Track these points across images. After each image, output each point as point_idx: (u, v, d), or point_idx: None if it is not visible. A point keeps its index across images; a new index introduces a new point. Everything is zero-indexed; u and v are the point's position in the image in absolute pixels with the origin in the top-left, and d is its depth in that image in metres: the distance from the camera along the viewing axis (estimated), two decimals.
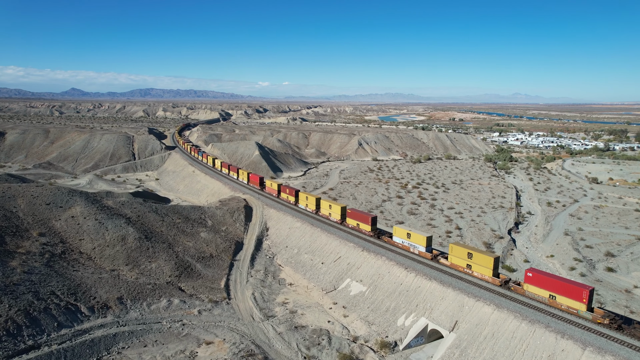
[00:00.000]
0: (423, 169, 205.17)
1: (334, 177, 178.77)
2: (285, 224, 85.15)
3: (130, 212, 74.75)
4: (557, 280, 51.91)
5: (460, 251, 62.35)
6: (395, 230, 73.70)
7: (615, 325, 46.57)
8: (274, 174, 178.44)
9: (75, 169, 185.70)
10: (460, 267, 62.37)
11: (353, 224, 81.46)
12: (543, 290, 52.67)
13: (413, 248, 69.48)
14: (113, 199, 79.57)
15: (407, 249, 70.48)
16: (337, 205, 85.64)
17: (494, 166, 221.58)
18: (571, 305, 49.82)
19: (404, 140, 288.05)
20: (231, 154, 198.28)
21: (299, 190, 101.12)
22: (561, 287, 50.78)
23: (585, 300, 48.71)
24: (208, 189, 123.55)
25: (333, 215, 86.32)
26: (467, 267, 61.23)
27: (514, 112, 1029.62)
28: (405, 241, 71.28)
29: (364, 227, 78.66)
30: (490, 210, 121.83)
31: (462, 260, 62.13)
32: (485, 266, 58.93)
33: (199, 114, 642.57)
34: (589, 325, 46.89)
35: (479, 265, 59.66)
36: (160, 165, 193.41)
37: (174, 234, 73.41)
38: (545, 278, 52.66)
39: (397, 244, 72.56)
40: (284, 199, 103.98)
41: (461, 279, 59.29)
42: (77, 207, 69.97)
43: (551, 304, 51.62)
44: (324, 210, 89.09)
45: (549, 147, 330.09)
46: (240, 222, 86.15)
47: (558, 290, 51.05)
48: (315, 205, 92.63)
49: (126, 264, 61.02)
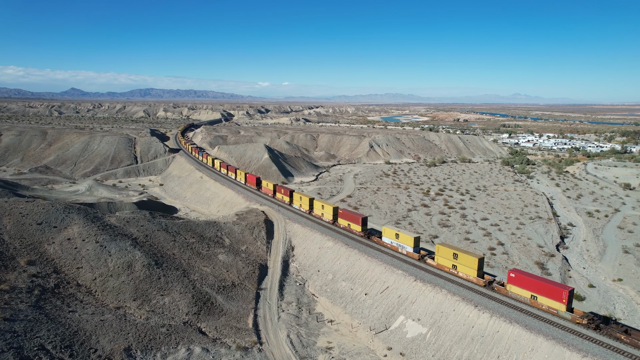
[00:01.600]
0: (440, 173, 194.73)
1: (349, 182, 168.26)
2: (313, 242, 74.60)
3: (136, 231, 64.13)
4: (538, 280, 52.88)
5: (446, 252, 63.16)
6: (385, 231, 74.77)
7: (594, 325, 47.04)
8: (285, 179, 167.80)
9: (74, 173, 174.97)
10: (446, 267, 63.17)
11: (344, 224, 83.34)
12: (525, 291, 53.51)
13: (401, 248, 70.65)
14: (116, 216, 68.82)
15: (395, 249, 71.73)
16: (329, 206, 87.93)
17: (513, 170, 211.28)
18: (551, 305, 50.67)
19: (415, 142, 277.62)
20: (239, 157, 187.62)
21: (293, 191, 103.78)
22: (542, 288, 51.68)
23: (565, 301, 49.45)
24: (219, 198, 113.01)
25: (325, 215, 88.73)
26: (453, 267, 62.07)
27: (516, 113, 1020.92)
28: (394, 241, 72.43)
29: (355, 228, 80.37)
30: (527, 221, 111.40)
31: (448, 261, 62.89)
32: (470, 267, 59.64)
33: (200, 115, 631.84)
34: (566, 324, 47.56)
35: (464, 265, 60.47)
36: (164, 169, 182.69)
37: (188, 257, 62.83)
38: (527, 279, 53.68)
39: (386, 244, 73.54)
40: (279, 199, 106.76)
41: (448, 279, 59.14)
42: (74, 227, 59.33)
43: (533, 304, 52.44)
44: (317, 211, 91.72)
45: (563, 149, 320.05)
46: (261, 239, 75.56)
47: (539, 291, 51.88)
48: (309, 206, 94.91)
49: (134, 299, 50.49)
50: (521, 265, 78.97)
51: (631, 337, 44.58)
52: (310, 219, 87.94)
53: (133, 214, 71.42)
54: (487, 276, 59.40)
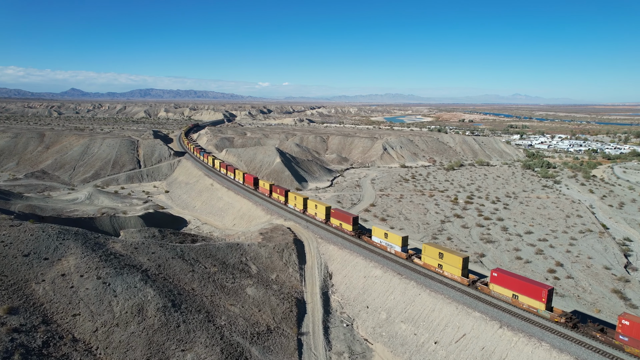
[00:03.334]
0: (461, 178, 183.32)
1: (367, 188, 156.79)
2: (356, 270, 63.14)
3: (147, 260, 52.70)
4: (519, 280, 53.53)
5: (432, 251, 64.23)
6: (374, 230, 75.94)
7: (571, 324, 48.14)
8: (299, 185, 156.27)
9: (73, 178, 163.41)
10: (432, 267, 64.18)
11: (336, 224, 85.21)
12: (507, 290, 54.36)
13: (390, 248, 71.70)
14: (122, 240, 56.97)
15: (384, 249, 72.88)
16: (322, 205, 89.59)
17: (536, 174, 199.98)
18: (532, 304, 51.51)
19: (429, 145, 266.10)
20: (248, 161, 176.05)
21: (288, 190, 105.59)
22: (523, 287, 52.49)
23: (544, 300, 50.17)
24: (234, 209, 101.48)
25: (318, 215, 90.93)
26: (439, 266, 63.08)
27: (519, 113, 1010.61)
28: (383, 241, 73.52)
29: (346, 227, 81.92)
30: (577, 235, 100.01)
31: (434, 260, 63.92)
32: (454, 266, 60.67)
33: (202, 115, 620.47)
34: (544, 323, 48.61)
35: (449, 265, 61.53)
36: (169, 174, 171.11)
37: (210, 292, 51.47)
38: (509, 278, 54.40)
39: (375, 244, 74.88)
40: (275, 199, 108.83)
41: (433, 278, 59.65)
42: (70, 259, 47.87)
43: (514, 303, 53.42)
44: (311, 210, 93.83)
45: (580, 151, 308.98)
46: (293, 265, 64.19)
47: (520, 290, 52.75)
48: (303, 205, 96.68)
49: (147, 358, 39.01)
50: (595, 294, 67.59)
51: (606, 336, 46.00)
52: (348, 239, 77.02)
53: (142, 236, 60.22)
54: (472, 275, 60.88)
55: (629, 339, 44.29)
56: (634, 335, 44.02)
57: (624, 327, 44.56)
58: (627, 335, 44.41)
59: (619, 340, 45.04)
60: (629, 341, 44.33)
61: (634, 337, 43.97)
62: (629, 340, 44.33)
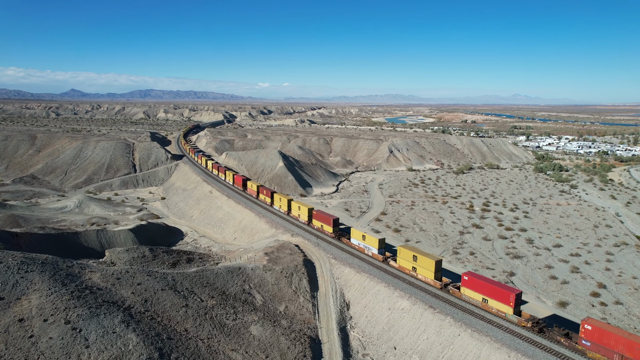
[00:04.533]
0: (473, 182, 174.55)
1: (376, 193, 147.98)
2: (378, 299, 54.21)
3: (131, 293, 43.68)
4: (488, 284, 52.96)
5: (407, 254, 63.49)
6: (353, 232, 76.17)
7: (537, 329, 48.19)
8: (304, 191, 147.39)
9: (64, 184, 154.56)
10: (407, 269, 63.61)
11: (318, 225, 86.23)
12: (477, 294, 53.80)
13: (367, 250, 72.14)
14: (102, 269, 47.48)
15: (362, 251, 73.41)
16: (305, 207, 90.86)
17: (550, 178, 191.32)
18: (500, 308, 51.11)
19: (436, 147, 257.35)
20: (250, 165, 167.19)
21: (274, 192, 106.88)
22: (492, 291, 51.95)
23: (512, 304, 49.83)
24: (234, 221, 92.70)
25: (302, 216, 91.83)
26: (413, 269, 62.48)
27: (520, 114, 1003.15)
28: (361, 243, 73.95)
29: (327, 229, 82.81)
30: (613, 249, 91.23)
31: (408, 263, 63.26)
32: (427, 269, 59.89)
33: (201, 116, 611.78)
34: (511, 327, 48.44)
35: (422, 268, 60.76)
36: (165, 178, 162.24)
37: (207, 334, 42.52)
38: (479, 282, 53.78)
39: (354, 246, 75.29)
40: (262, 200, 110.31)
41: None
42: (32, 297, 38.69)
43: (484, 307, 52.86)
44: (294, 212, 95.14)
45: (590, 153, 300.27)
46: (304, 293, 55.28)
47: (489, 294, 52.16)
48: (287, 207, 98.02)
49: None
50: None
51: (570, 341, 46.02)
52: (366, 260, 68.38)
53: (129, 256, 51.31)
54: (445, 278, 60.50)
55: (591, 344, 44.01)
56: (595, 340, 43.63)
57: (586, 332, 44.28)
58: (589, 340, 44.15)
59: (582, 345, 44.83)
60: (591, 346, 44.07)
61: (596, 342, 43.54)
62: (591, 345, 44.06)
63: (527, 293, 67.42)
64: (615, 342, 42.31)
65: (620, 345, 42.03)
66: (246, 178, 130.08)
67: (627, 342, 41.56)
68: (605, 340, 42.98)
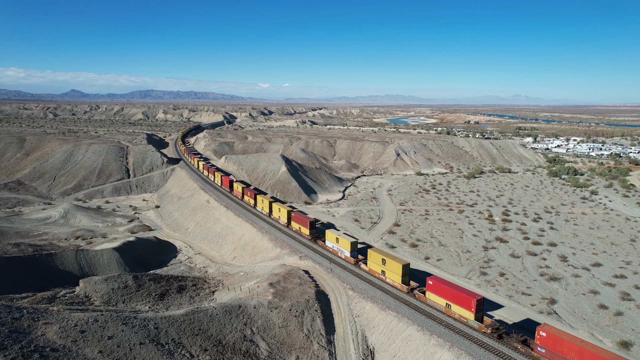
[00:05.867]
0: (486, 188, 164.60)
1: (385, 201, 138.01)
2: (410, 346, 44.24)
3: (97, 353, 33.15)
4: (452, 289, 52.24)
5: (377, 257, 63.66)
6: (327, 235, 76.18)
7: (497, 335, 47.69)
8: (308, 198, 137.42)
9: (52, 190, 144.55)
10: (376, 272, 63.91)
11: (296, 227, 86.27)
12: (441, 299, 53.26)
13: (340, 252, 72.21)
14: (61, 320, 37.06)
15: (335, 253, 73.34)
16: (285, 209, 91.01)
17: (566, 183, 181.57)
18: (462, 314, 50.55)
19: (444, 149, 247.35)
20: (250, 169, 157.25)
21: (257, 193, 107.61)
22: (455, 296, 51.33)
23: (474, 310, 49.23)
24: (234, 236, 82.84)
25: (282, 218, 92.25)
26: (382, 273, 62.69)
27: (522, 114, 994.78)
28: (335, 245, 74.15)
29: (304, 231, 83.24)
30: None
31: (378, 266, 63.38)
32: (395, 273, 59.86)
33: (201, 117, 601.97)
34: (472, 333, 47.39)
35: (391, 271, 60.70)
36: (161, 184, 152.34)
37: None
38: (443, 287, 53.12)
39: (328, 248, 75.43)
40: (247, 202, 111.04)
41: None
42: None
43: (447, 312, 52.32)
44: (275, 214, 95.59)
45: (602, 155, 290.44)
46: (318, 337, 45.20)
47: (452, 299, 51.57)
48: (269, 209, 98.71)
49: None
50: None
51: (526, 347, 45.74)
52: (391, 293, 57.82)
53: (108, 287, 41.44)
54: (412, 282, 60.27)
55: (546, 351, 43.79)
56: (549, 347, 43.43)
57: (541, 339, 44.13)
58: (544, 347, 44.00)
59: (537, 352, 44.65)
60: (545, 353, 43.83)
61: (550, 348, 43.33)
62: (545, 352, 43.84)
63: (577, 328, 57.57)
64: (567, 349, 41.92)
65: (572, 353, 41.57)
66: (233, 179, 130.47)
67: (579, 350, 41.04)
68: (559, 347, 42.60)
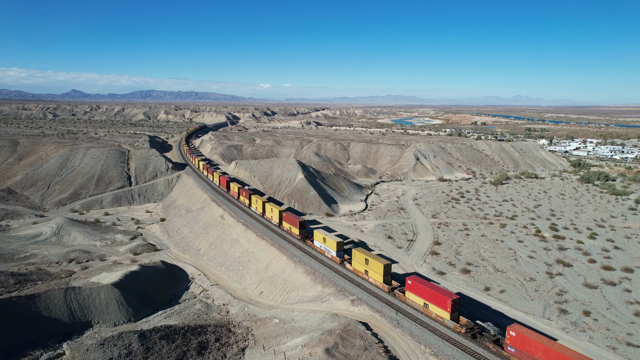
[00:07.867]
0: (519, 196, 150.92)
1: (414, 212, 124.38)
2: None
3: None
4: (429, 288, 52.48)
5: (360, 257, 64.34)
6: (315, 235, 77.10)
7: (470, 335, 47.77)
8: (329, 209, 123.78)
9: (45, 200, 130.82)
10: (360, 272, 64.55)
11: (287, 227, 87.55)
12: (419, 298, 53.76)
13: (327, 252, 73.04)
14: None
15: (323, 253, 74.15)
16: (277, 209, 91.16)
17: (602, 190, 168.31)
18: (439, 313, 50.97)
19: (463, 153, 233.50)
20: (264, 177, 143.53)
21: (252, 194, 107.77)
22: (432, 296, 51.80)
23: (449, 309, 49.44)
24: (258, 264, 69.09)
25: (274, 218, 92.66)
26: (365, 272, 63.39)
27: (526, 115, 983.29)
28: (322, 245, 75.05)
29: (294, 231, 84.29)
30: None
31: (361, 266, 64.03)
32: (377, 272, 60.59)
33: (203, 117, 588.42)
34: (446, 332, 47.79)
35: (373, 271, 61.41)
36: (166, 193, 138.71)
37: None
38: (421, 286, 53.41)
39: (316, 248, 76.45)
40: (242, 202, 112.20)
41: None
42: None
43: (425, 312, 52.94)
44: (268, 214, 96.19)
45: (627, 158, 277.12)
46: None
47: (430, 299, 52.08)
48: (262, 209, 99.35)
49: None
50: None
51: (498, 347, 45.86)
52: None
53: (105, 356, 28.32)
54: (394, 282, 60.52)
55: (515, 350, 43.95)
56: (519, 347, 43.60)
57: (511, 338, 44.36)
58: (514, 346, 44.13)
59: (507, 351, 44.72)
60: (515, 352, 44.02)
61: (520, 348, 43.54)
62: (515, 352, 44.02)
63: None
64: (535, 349, 42.30)
65: (539, 352, 41.97)
66: (230, 179, 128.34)
67: (545, 349, 41.46)
68: (527, 347, 42.94)
